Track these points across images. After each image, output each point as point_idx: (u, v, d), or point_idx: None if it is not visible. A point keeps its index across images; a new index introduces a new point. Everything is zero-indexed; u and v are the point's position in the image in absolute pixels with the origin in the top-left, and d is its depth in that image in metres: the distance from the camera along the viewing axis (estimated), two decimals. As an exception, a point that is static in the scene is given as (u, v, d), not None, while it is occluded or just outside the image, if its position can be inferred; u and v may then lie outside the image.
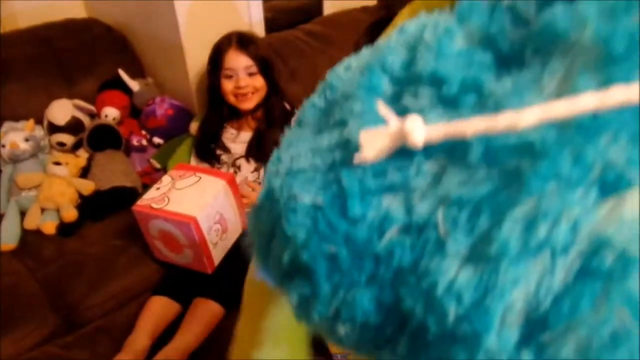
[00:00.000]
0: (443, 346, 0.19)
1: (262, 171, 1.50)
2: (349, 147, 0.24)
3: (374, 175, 0.22)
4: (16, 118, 1.56)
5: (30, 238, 1.41)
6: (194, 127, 1.63)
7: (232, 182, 1.28)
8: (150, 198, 1.22)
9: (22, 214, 1.45)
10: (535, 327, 0.18)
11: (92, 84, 1.73)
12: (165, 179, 1.28)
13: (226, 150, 1.53)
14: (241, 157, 1.52)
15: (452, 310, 0.19)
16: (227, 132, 1.56)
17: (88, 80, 1.73)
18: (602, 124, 0.18)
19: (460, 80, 0.22)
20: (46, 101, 1.61)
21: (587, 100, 0.18)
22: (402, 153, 0.22)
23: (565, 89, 0.19)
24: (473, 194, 0.20)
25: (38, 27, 1.72)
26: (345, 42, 1.74)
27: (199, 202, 1.19)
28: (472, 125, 0.20)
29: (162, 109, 1.67)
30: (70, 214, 1.42)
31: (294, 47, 1.83)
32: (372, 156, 0.22)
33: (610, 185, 0.18)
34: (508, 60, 0.22)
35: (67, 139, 1.58)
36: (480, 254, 0.19)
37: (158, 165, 1.63)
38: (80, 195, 1.49)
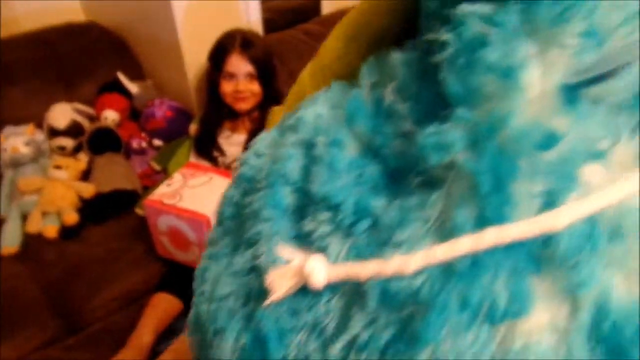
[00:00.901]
0: None
1: None
2: (261, 275, 0.26)
3: (289, 315, 0.24)
4: (16, 122, 1.56)
5: (31, 242, 1.41)
6: (193, 128, 1.64)
7: None
8: (161, 194, 1.23)
9: (24, 218, 1.45)
10: None
11: (91, 87, 1.73)
12: (176, 177, 1.29)
13: (222, 152, 1.54)
14: (236, 159, 1.52)
15: None
16: (222, 132, 1.56)
17: (87, 83, 1.73)
18: (481, 266, 0.19)
19: (353, 206, 0.24)
20: (46, 105, 1.61)
21: (464, 244, 0.20)
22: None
23: (446, 221, 0.21)
24: (377, 340, 0.21)
25: (37, 32, 1.73)
26: (344, 41, 1.74)
27: (211, 201, 1.20)
28: (365, 269, 0.21)
29: (161, 110, 1.68)
30: (72, 217, 1.42)
31: (292, 47, 1.83)
32: (282, 296, 0.24)
33: (499, 318, 0.19)
34: (396, 175, 0.24)
35: (68, 142, 1.58)
36: None
37: (158, 167, 1.63)
38: (81, 199, 1.49)
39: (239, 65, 1.44)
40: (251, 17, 1.77)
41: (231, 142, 1.55)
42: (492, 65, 0.20)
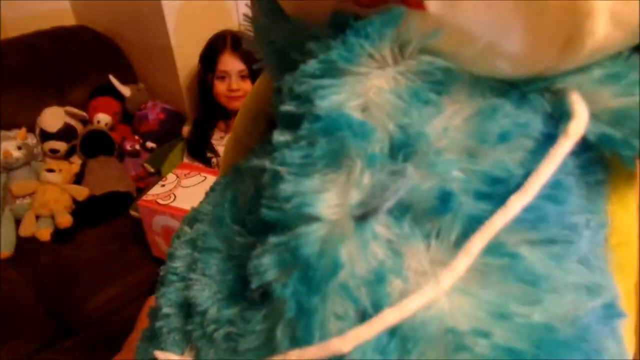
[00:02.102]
0: None
1: None
2: None
3: None
4: (8, 127, 1.55)
5: (25, 245, 1.41)
6: (186, 130, 1.64)
7: None
8: (155, 194, 1.23)
9: (17, 222, 1.45)
10: None
11: (83, 91, 1.73)
12: (170, 177, 1.29)
13: (215, 153, 1.54)
14: None
15: None
16: (215, 134, 1.57)
17: (79, 87, 1.73)
18: None
19: (214, 315, 0.27)
20: (38, 110, 1.61)
21: None
22: None
23: (271, 337, 0.23)
24: None
25: (27, 36, 1.72)
26: (335, 41, 1.75)
27: None
28: None
29: (154, 113, 1.68)
30: (65, 220, 1.42)
31: (284, 48, 1.84)
32: None
33: None
34: (248, 289, 0.26)
35: (60, 146, 1.58)
36: None
37: (152, 170, 1.63)
38: (75, 202, 1.49)
39: (232, 63, 1.45)
40: (242, 19, 1.78)
41: (224, 143, 1.55)
42: (288, 199, 0.23)
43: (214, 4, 1.67)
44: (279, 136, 0.24)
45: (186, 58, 1.63)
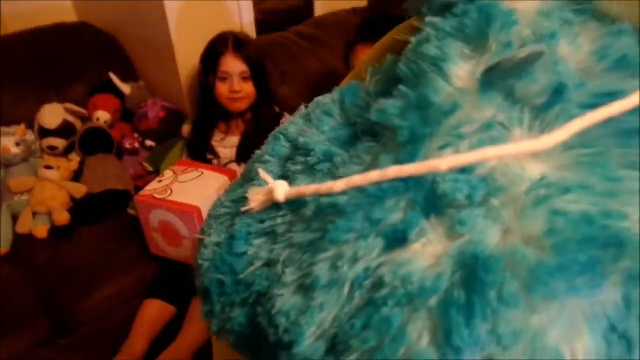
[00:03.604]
0: (278, 352, 0.26)
1: None
2: (246, 200, 0.33)
3: (256, 222, 0.31)
4: (6, 123, 1.55)
5: (22, 242, 1.40)
6: (185, 129, 1.64)
7: (233, 179, 1.30)
8: (152, 189, 1.24)
9: (15, 218, 1.44)
10: (337, 341, 0.24)
11: (83, 88, 1.72)
12: (167, 173, 1.30)
13: (215, 154, 1.54)
14: (231, 161, 1.53)
15: (281, 325, 0.25)
16: (215, 135, 1.56)
17: (79, 84, 1.73)
18: (386, 192, 0.25)
19: (320, 153, 0.31)
20: (37, 106, 1.60)
21: (374, 174, 0.25)
22: (277, 206, 0.30)
23: (374, 163, 0.27)
24: (304, 240, 0.27)
25: (27, 32, 1.72)
26: (336, 43, 1.75)
27: (202, 194, 1.21)
28: (309, 189, 0.28)
29: (153, 111, 1.68)
30: (62, 217, 1.42)
31: (285, 49, 1.84)
32: (255, 207, 0.31)
33: (389, 235, 0.24)
34: (360, 135, 0.31)
35: (59, 142, 1.58)
36: (302, 285, 0.26)
37: (150, 168, 1.63)
38: (73, 199, 1.49)
39: (233, 64, 1.45)
40: (243, 19, 1.78)
41: (224, 144, 1.55)
42: (427, 56, 0.27)
43: (216, 3, 1.67)
44: (430, 18, 0.29)
45: (187, 56, 1.63)
